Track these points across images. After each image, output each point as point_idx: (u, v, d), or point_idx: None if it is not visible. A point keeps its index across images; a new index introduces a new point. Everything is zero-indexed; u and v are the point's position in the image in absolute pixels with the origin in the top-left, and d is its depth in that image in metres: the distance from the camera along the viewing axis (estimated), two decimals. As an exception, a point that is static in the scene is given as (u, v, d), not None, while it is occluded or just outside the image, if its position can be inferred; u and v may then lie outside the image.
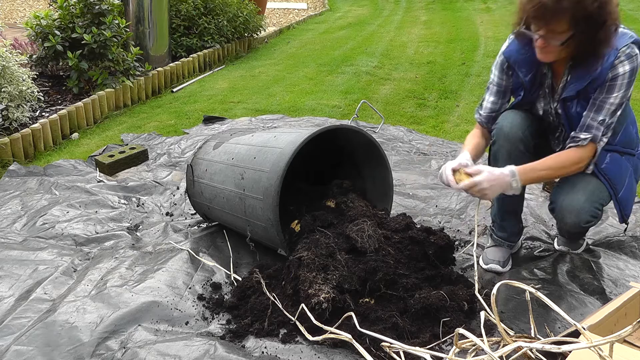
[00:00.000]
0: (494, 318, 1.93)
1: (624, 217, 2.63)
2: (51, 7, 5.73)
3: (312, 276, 2.36)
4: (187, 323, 2.41)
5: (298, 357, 2.22)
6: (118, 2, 5.37)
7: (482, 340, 1.80)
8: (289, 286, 2.45)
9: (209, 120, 4.86)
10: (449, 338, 2.28)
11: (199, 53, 6.68)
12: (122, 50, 5.34)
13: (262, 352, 2.25)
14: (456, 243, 2.99)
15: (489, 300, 2.06)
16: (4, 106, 4.25)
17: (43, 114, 4.68)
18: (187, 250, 2.86)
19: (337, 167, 3.13)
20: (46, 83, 5.35)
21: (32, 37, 5.22)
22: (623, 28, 2.39)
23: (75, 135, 4.63)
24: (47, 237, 3.06)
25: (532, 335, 2.18)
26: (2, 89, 4.26)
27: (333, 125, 2.79)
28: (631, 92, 2.43)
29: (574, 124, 2.52)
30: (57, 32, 5.10)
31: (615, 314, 2.23)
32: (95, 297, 2.51)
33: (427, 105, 5.23)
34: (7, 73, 4.33)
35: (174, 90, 5.88)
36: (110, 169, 3.85)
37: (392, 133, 4.54)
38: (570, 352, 1.83)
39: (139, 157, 4.05)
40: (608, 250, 2.96)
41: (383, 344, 2.04)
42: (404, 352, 2.06)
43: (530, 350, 1.89)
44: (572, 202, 2.50)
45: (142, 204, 3.47)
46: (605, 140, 2.47)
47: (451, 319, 2.36)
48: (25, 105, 4.42)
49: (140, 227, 3.22)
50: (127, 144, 4.31)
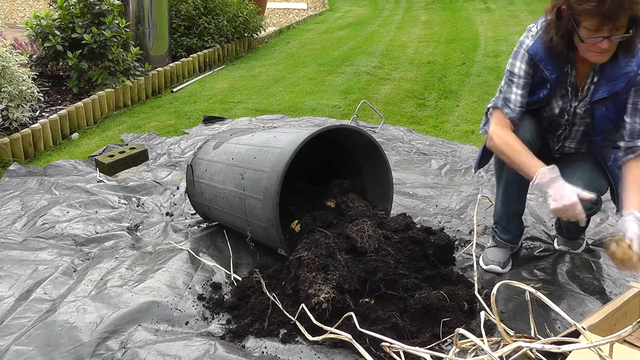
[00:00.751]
0: (494, 318, 1.93)
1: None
2: (51, 7, 5.73)
3: (312, 276, 2.36)
4: (187, 323, 2.41)
5: (298, 357, 2.22)
6: (118, 2, 5.36)
7: (482, 340, 1.80)
8: (289, 286, 2.45)
9: (209, 120, 4.86)
10: (449, 338, 2.28)
11: (199, 53, 6.68)
12: (122, 50, 5.34)
13: (262, 352, 2.25)
14: (456, 243, 2.99)
15: (488, 300, 2.06)
16: (4, 106, 4.25)
17: (43, 114, 4.68)
18: (187, 250, 2.86)
19: (337, 167, 3.13)
20: (46, 83, 5.35)
21: (32, 37, 5.22)
22: None
23: (75, 135, 4.63)
24: (47, 237, 3.06)
25: (532, 335, 2.18)
26: (2, 89, 4.26)
27: (333, 125, 2.79)
28: None
29: (599, 125, 2.54)
30: (57, 32, 5.10)
31: (615, 314, 2.24)
32: (95, 297, 2.51)
33: (427, 105, 5.22)
34: (7, 73, 4.33)
35: (174, 90, 5.88)
36: (110, 169, 3.85)
37: (392, 133, 4.54)
38: (570, 352, 1.83)
39: (139, 157, 4.05)
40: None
41: (383, 344, 2.04)
42: (404, 352, 2.06)
43: (530, 350, 1.89)
44: None
45: (142, 204, 3.46)
46: None
47: (451, 319, 2.36)
48: (25, 105, 4.42)
49: (140, 227, 3.22)
50: (127, 144, 4.31)
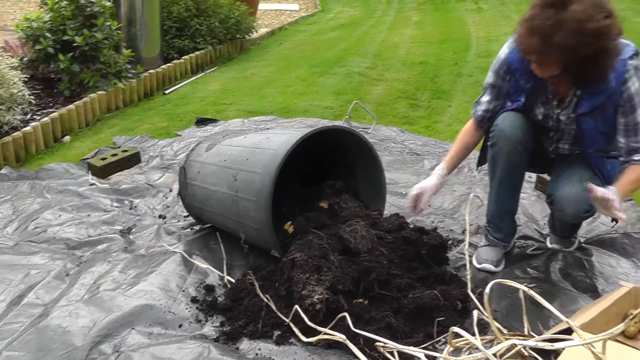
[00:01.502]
0: (487, 317, 1.93)
1: None
2: (42, 9, 5.70)
3: (306, 277, 2.36)
4: (180, 326, 2.40)
5: (292, 358, 2.21)
6: (109, 4, 5.35)
7: (476, 339, 1.81)
8: (282, 288, 2.45)
9: (201, 122, 4.85)
10: (443, 337, 2.29)
11: (191, 55, 6.66)
12: (113, 52, 5.32)
13: (256, 354, 2.24)
14: (449, 242, 2.99)
15: (482, 299, 2.06)
16: (-5, 110, 4.23)
17: (34, 117, 4.66)
18: (180, 253, 2.85)
19: (330, 168, 3.13)
20: (37, 86, 5.32)
21: (23, 40, 5.19)
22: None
23: (67, 138, 4.61)
24: (39, 241, 3.05)
25: (526, 333, 2.19)
26: (-7, 93, 4.24)
27: (325, 126, 2.79)
28: None
29: (588, 137, 2.58)
30: (48, 35, 5.08)
31: (607, 313, 2.25)
32: (88, 301, 2.50)
33: (420, 106, 5.23)
34: (-2, 76, 4.31)
35: (166, 92, 5.87)
36: (103, 172, 3.84)
37: (385, 133, 4.54)
38: (563, 349, 1.84)
39: (132, 160, 4.04)
40: (600, 248, 2.97)
41: (377, 344, 2.04)
42: (398, 352, 2.06)
43: (524, 348, 1.89)
44: (570, 192, 2.55)
45: (135, 207, 3.46)
46: None
47: (445, 318, 2.36)
48: (16, 108, 4.41)
49: (133, 230, 3.21)
50: (119, 147, 4.30)
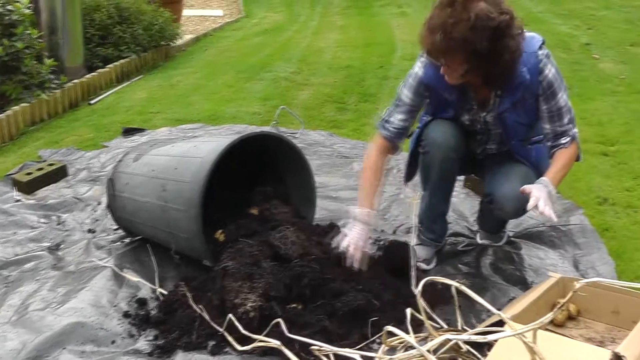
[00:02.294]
0: (420, 315, 1.97)
1: None
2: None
3: (238, 285, 2.36)
4: (113, 342, 2.37)
5: (228, 367, 2.21)
6: (29, 11, 5.19)
7: (410, 336, 1.84)
8: (215, 297, 2.43)
9: (128, 132, 4.78)
10: (378, 337, 2.32)
11: (116, 63, 6.53)
12: (35, 62, 5.17)
13: (192, 366, 2.23)
14: (381, 243, 3.03)
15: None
16: None
17: (-47, 133, 4.51)
18: (111, 267, 2.81)
19: (260, 174, 3.13)
20: (-44, 101, 5.14)
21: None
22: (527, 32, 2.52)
23: (-11, 154, 4.47)
24: (-38, 263, 2.95)
25: (459, 327, 2.24)
26: None
27: (253, 132, 2.80)
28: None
29: (512, 131, 2.67)
30: (-35, 47, 4.91)
31: (536, 303, 2.33)
32: (16, 322, 2.44)
33: (347, 109, 5.28)
34: None
35: (92, 102, 5.75)
36: (29, 187, 3.74)
37: (313, 138, 4.57)
38: (496, 341, 1.90)
39: (58, 174, 3.95)
40: (528, 241, 3.07)
41: (312, 347, 2.06)
42: (334, 355, 2.08)
43: (458, 342, 1.94)
44: (510, 190, 2.61)
45: (63, 222, 3.38)
46: (576, 129, 2.65)
47: (380, 318, 2.39)
48: None
49: (62, 246, 3.14)
50: (45, 161, 4.19)
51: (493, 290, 2.70)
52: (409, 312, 2.02)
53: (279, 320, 2.23)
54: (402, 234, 3.18)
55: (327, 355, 2.10)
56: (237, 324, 2.26)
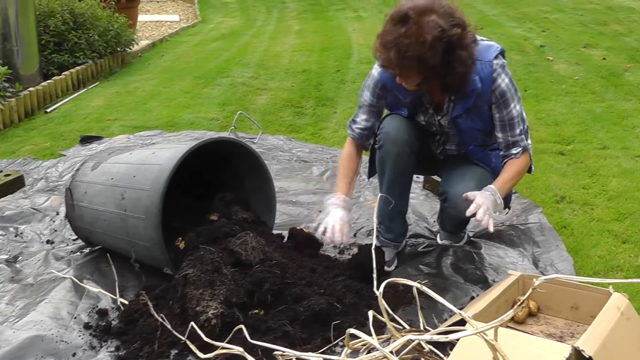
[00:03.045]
0: (381, 316, 1.99)
1: (507, 203, 2.89)
2: None
3: (199, 293, 2.35)
4: (74, 355, 2.33)
5: (191, 376, 2.20)
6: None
7: (373, 338, 1.86)
8: (176, 305, 2.42)
9: (86, 140, 4.72)
10: (340, 340, 2.33)
11: (72, 70, 6.44)
12: (-12, 71, 5.09)
13: (155, 375, 2.22)
14: (342, 246, 3.05)
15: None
16: None
17: None
18: (71, 278, 2.77)
19: (220, 180, 3.12)
20: None
21: None
22: (482, 39, 2.57)
23: (-60, 165, 4.37)
24: None
25: (421, 328, 2.27)
26: None
27: (211, 138, 2.80)
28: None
29: (467, 135, 2.72)
30: None
31: (497, 302, 2.37)
32: (-27, 338, 2.39)
33: (305, 114, 5.29)
34: None
35: (48, 110, 5.66)
36: (-17, 199, 3.67)
37: (272, 142, 4.58)
38: (458, 340, 1.92)
39: (15, 184, 3.88)
40: (488, 240, 3.11)
41: (275, 352, 2.06)
42: (297, 359, 2.09)
43: (420, 342, 1.96)
44: (464, 189, 2.63)
45: (21, 234, 3.32)
46: (529, 141, 2.73)
47: (342, 321, 2.40)
48: None
49: (20, 257, 3.09)
50: (1, 171, 4.11)
51: (454, 290, 2.74)
52: (371, 314, 2.03)
53: (241, 326, 2.23)
54: (363, 237, 3.20)
55: (289, 360, 2.11)
56: (199, 331, 2.25)
